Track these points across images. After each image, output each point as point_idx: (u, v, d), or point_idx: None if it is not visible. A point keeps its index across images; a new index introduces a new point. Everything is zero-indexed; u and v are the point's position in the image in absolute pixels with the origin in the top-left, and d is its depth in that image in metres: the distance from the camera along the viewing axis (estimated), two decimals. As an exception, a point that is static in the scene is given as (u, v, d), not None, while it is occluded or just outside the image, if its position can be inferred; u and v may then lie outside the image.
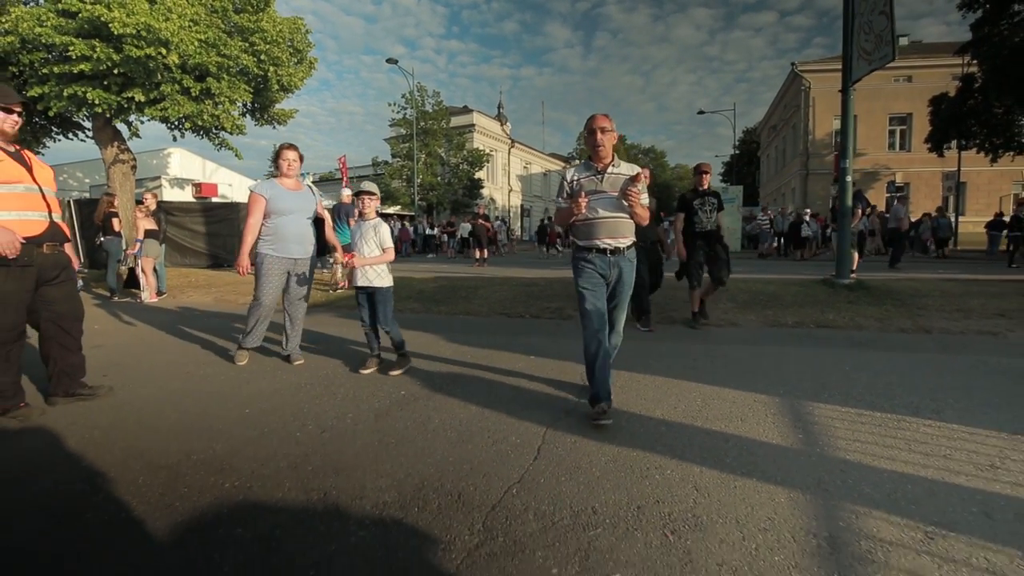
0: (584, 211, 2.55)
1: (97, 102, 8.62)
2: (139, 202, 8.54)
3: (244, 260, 3.59)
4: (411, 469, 2.09)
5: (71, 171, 17.05)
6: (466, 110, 36.89)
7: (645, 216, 2.66)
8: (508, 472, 2.05)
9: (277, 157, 3.80)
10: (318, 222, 3.99)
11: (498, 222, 24.65)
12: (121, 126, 10.32)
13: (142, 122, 9.86)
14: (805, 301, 6.03)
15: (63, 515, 1.79)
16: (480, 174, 31.98)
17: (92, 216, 8.78)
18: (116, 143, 10.51)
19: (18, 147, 2.78)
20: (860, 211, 9.48)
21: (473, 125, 35.62)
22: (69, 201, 12.98)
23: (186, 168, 17.45)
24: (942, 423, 2.50)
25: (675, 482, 1.96)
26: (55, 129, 11.33)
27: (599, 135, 2.61)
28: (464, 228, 20.94)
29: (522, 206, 44.14)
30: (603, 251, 2.63)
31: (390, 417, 2.70)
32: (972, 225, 23.93)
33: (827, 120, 29.53)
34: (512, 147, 41.82)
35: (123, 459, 2.22)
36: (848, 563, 1.48)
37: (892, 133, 29.38)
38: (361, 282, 3.56)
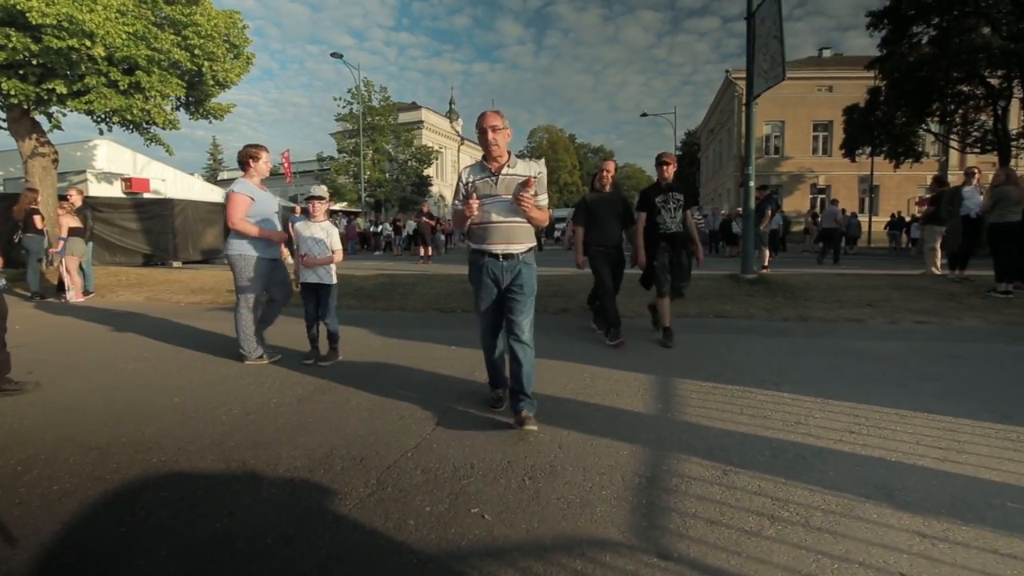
0: (476, 214, 2.49)
1: (13, 92, 8.26)
2: (63, 198, 8.27)
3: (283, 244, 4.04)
4: (323, 441, 2.42)
5: (-19, 163, 15.85)
6: (415, 106, 36.73)
7: (542, 219, 2.58)
8: (407, 441, 2.41)
9: (250, 157, 3.83)
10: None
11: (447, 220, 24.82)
12: (41, 117, 9.85)
13: (64, 114, 9.47)
14: (711, 294, 6.69)
15: (12, 482, 2.00)
16: (429, 171, 31.98)
17: (9, 212, 8.40)
18: (35, 135, 10.00)
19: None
20: (770, 212, 10.43)
21: (422, 122, 35.54)
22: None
23: (114, 162, 16.55)
24: (776, 392, 3.06)
25: (544, 443, 2.38)
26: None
27: (490, 134, 2.46)
28: (410, 226, 21.03)
29: (473, 203, 44.33)
30: (496, 256, 2.55)
31: (311, 401, 3.00)
32: (883, 224, 26.12)
33: (759, 125, 31.39)
34: (462, 144, 41.95)
35: (54, 443, 2.42)
36: (657, 493, 1.94)
37: (816, 139, 31.68)
38: (311, 279, 3.86)
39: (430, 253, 14.89)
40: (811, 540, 1.61)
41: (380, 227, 23.88)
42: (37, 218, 7.71)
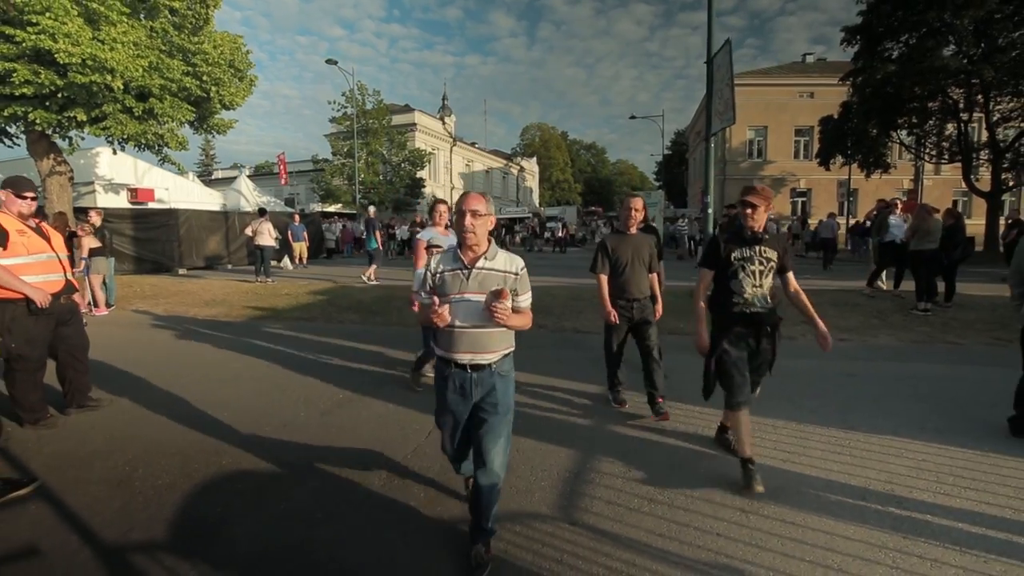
0: (445, 322, 2.05)
1: (38, 121, 8.97)
2: (81, 211, 8.97)
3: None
4: (346, 446, 3.28)
5: (-11, 171, 16.40)
6: (407, 108, 37.35)
7: (523, 325, 2.18)
8: (407, 447, 3.28)
9: (431, 210, 4.42)
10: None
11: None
12: (59, 140, 10.56)
13: (82, 138, 10.19)
14: (673, 309, 7.60)
15: (119, 483, 2.85)
16: (422, 173, 32.70)
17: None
18: (52, 155, 10.74)
19: (38, 221, 3.68)
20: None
21: (415, 124, 36.18)
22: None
23: (116, 169, 17.13)
24: (690, 406, 3.95)
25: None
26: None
27: (468, 219, 2.07)
28: (403, 231, 21.85)
29: (465, 203, 45.04)
30: (463, 367, 2.14)
31: (332, 415, 3.86)
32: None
33: (742, 130, 32.47)
34: (454, 145, 42.62)
35: (145, 450, 3.27)
36: (578, 483, 2.82)
37: (797, 143, 32.75)
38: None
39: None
40: (672, 514, 2.51)
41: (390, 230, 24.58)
42: (76, 240, 8.37)
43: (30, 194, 3.60)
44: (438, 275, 2.17)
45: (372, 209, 13.53)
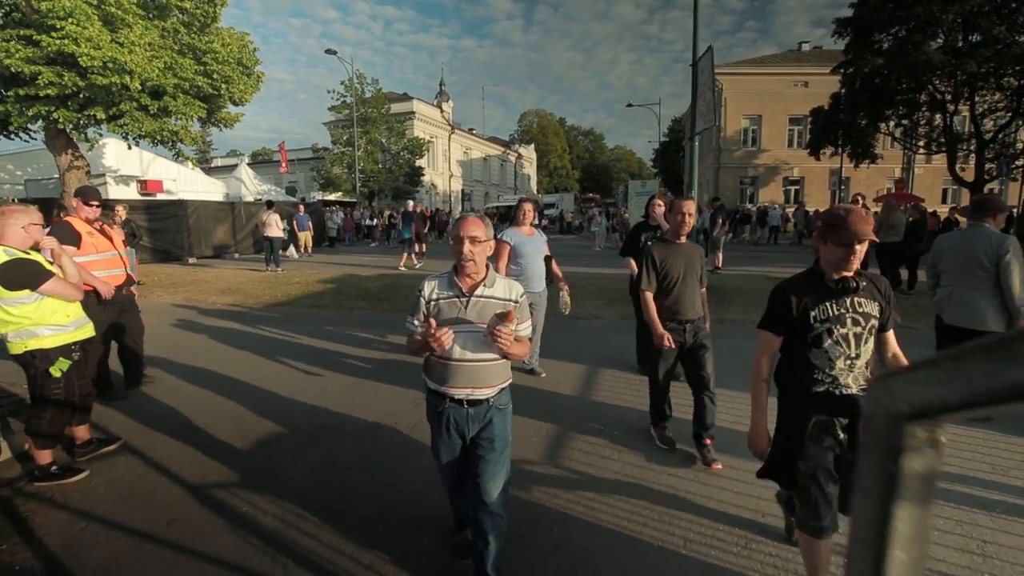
0: (444, 347, 1.91)
1: (61, 120, 9.48)
2: (107, 207, 9.52)
3: None
4: (365, 415, 3.93)
5: (0, 163, 16.85)
6: (406, 97, 37.58)
7: (522, 353, 2.08)
8: (414, 417, 3.92)
9: (517, 209, 4.61)
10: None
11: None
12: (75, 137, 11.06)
13: (100, 135, 10.69)
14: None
15: (187, 441, 3.50)
16: (421, 161, 33.09)
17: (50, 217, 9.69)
18: (70, 150, 11.25)
19: (100, 223, 4.28)
20: (721, 221, 11.96)
21: (413, 112, 36.46)
22: (13, 200, 13.36)
23: (122, 159, 17.59)
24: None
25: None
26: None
27: (466, 246, 1.96)
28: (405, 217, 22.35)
29: (463, 191, 45.47)
30: (459, 402, 2.04)
31: (352, 391, 4.51)
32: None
33: (737, 119, 32.92)
34: (452, 133, 42.89)
35: (202, 414, 3.92)
36: (561, 439, 3.47)
37: (791, 132, 33.13)
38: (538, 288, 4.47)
39: (423, 250, 16.30)
40: (636, 460, 3.17)
41: (374, 220, 25.11)
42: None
43: (95, 201, 4.19)
44: (433, 303, 2.05)
45: (411, 203, 15.26)
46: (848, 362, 1.99)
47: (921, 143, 20.78)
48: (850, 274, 1.97)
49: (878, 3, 18.28)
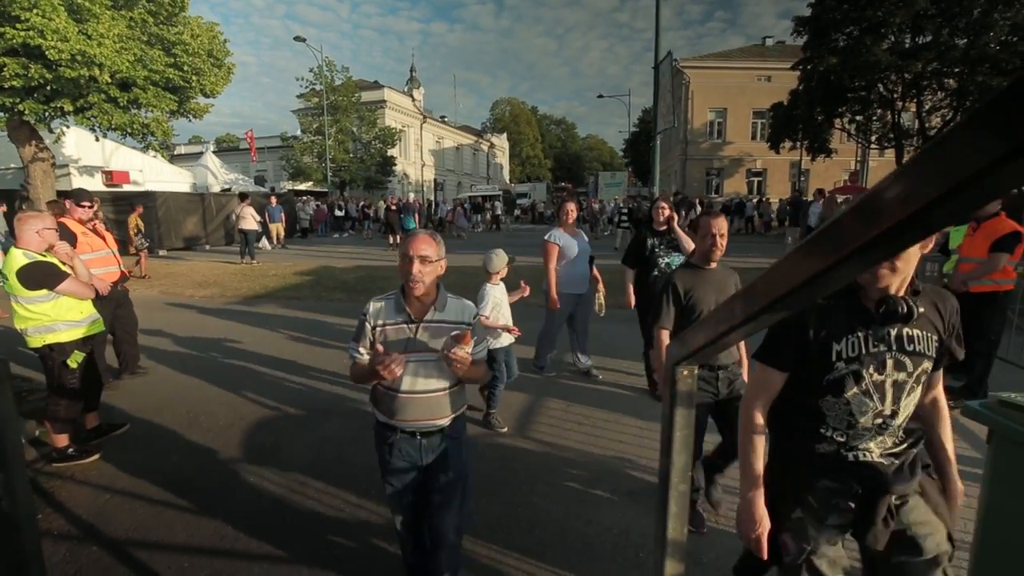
0: (395, 375, 1.76)
1: (27, 112, 9.37)
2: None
3: (554, 296, 4.39)
4: (357, 399, 4.33)
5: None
6: (377, 85, 37.17)
7: (480, 376, 2.05)
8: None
9: (559, 210, 4.57)
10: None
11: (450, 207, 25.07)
12: (43, 130, 10.88)
13: (67, 127, 10.56)
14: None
15: (188, 425, 3.84)
16: (393, 151, 32.95)
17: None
18: (34, 142, 11.07)
19: (94, 224, 4.51)
20: (683, 214, 12.59)
21: (384, 101, 36.11)
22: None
23: (83, 149, 17.07)
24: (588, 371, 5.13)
25: (480, 399, 4.36)
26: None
27: (416, 266, 1.79)
28: (381, 207, 22.45)
29: (435, 180, 45.38)
30: (411, 434, 1.91)
31: (339, 376, 4.89)
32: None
33: (703, 112, 33.87)
34: (424, 122, 42.66)
35: (199, 403, 4.24)
36: (531, 415, 3.95)
37: (755, 125, 34.29)
38: (507, 343, 3.85)
39: (397, 241, 16.53)
40: (593, 431, 3.67)
41: (343, 211, 24.64)
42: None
43: (87, 203, 4.42)
44: (379, 329, 1.88)
45: (412, 196, 16.16)
46: (878, 421, 1.39)
47: (874, 138, 21.95)
48: (901, 292, 1.35)
49: (833, 4, 19.20)
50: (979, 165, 0.30)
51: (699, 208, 22.23)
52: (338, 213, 24.64)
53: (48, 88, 9.17)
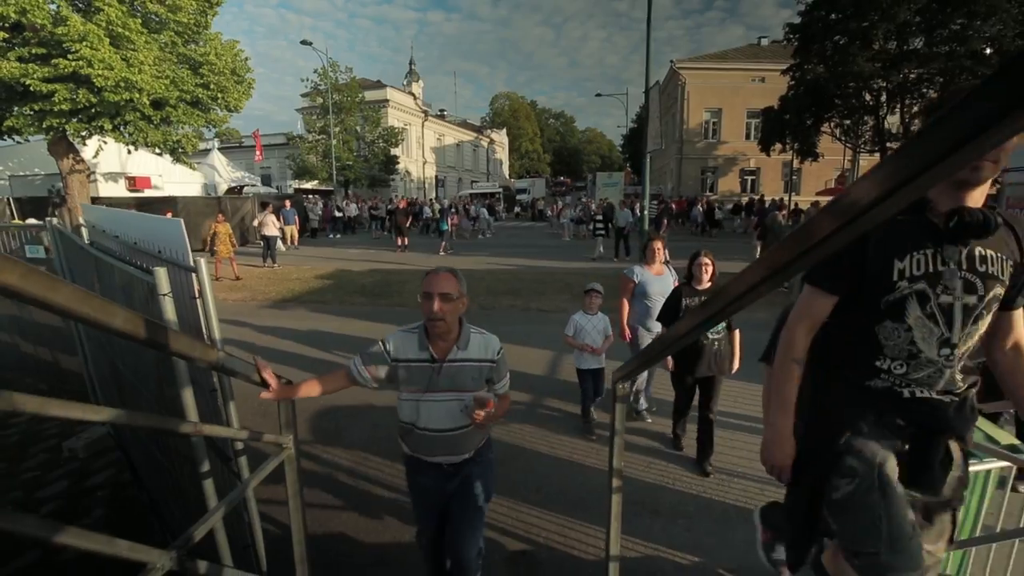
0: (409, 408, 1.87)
1: (72, 131, 10.26)
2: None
3: (625, 328, 4.31)
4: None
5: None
6: (379, 84, 37.94)
7: (503, 412, 2.09)
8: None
9: (645, 248, 4.38)
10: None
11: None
12: (79, 142, 11.76)
13: (105, 143, 11.45)
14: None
15: (263, 414, 4.82)
16: (396, 150, 33.78)
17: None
18: (71, 155, 11.94)
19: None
20: (666, 223, 13.56)
21: (387, 100, 36.90)
22: (8, 199, 13.91)
23: (102, 155, 17.94)
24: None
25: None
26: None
27: (437, 304, 1.77)
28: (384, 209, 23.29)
29: (436, 177, 46.20)
30: (438, 465, 1.99)
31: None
32: (804, 204, 30.12)
33: (699, 112, 34.75)
34: (426, 120, 43.42)
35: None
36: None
37: (748, 125, 35.16)
38: (592, 365, 4.28)
39: (406, 243, 17.46)
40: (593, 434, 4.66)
41: (343, 212, 24.25)
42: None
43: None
44: (401, 365, 1.91)
45: (446, 200, 18.18)
46: (944, 351, 1.29)
47: (861, 143, 22.89)
48: (975, 205, 1.24)
49: (821, 14, 20.04)
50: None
51: (702, 207, 23.16)
52: (337, 215, 25.06)
53: (92, 110, 10.03)
